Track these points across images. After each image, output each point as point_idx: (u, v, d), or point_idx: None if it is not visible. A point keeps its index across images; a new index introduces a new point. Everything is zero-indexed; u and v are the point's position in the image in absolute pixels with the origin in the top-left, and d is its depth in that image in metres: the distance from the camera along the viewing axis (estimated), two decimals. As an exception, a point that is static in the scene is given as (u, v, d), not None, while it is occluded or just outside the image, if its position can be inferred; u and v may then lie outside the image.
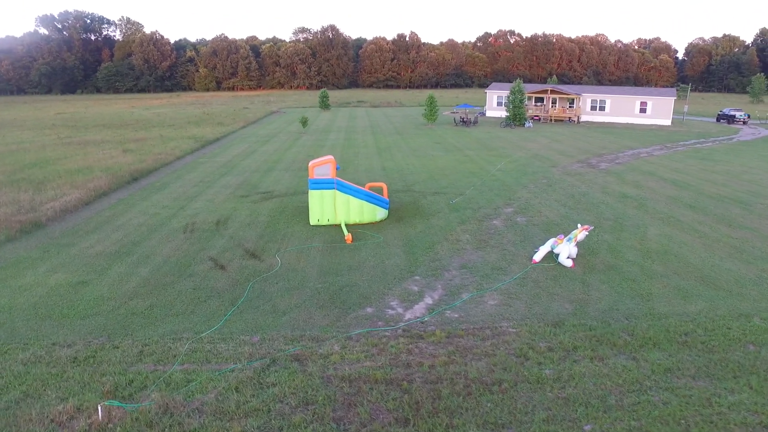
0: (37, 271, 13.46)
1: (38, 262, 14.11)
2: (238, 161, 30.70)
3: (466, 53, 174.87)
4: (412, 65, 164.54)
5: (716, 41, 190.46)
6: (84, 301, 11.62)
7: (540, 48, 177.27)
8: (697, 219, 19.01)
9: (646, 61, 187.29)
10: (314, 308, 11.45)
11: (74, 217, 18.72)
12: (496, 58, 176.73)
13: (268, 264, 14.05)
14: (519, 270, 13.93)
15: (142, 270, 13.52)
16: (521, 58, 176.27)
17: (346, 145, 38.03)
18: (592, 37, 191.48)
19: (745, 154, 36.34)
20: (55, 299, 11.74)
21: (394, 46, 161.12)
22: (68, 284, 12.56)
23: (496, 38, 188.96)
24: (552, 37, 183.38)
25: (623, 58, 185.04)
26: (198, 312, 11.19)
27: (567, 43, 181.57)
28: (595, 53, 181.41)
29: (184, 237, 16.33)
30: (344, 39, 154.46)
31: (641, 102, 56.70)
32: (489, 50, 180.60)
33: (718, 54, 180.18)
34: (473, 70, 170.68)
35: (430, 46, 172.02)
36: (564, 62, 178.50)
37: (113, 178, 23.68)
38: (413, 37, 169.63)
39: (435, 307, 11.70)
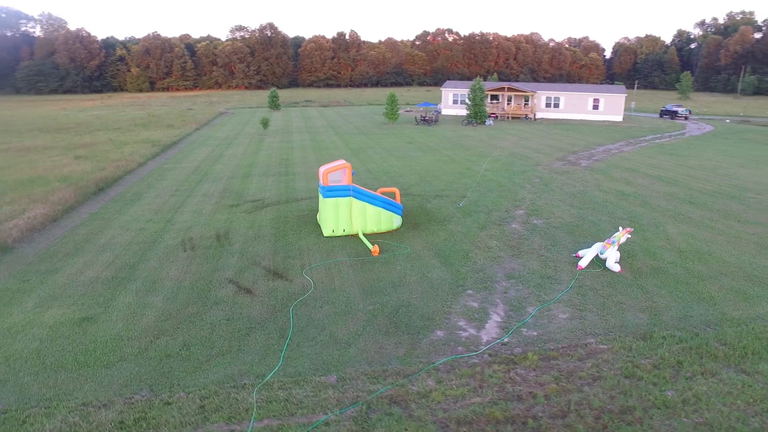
0: (23, 306, 11.24)
1: (21, 295, 11.84)
2: (207, 167, 28.38)
3: (406, 51, 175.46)
4: (353, 64, 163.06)
5: (640, 41, 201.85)
6: (99, 344, 9.66)
7: (478, 46, 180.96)
8: (704, 216, 19.04)
9: (578, 59, 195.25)
10: (379, 335, 10.09)
11: (44, 236, 16.20)
12: (436, 56, 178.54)
13: (298, 284, 12.48)
14: (567, 277, 13.14)
15: (155, 299, 11.59)
16: (460, 56, 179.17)
17: (315, 146, 36.31)
18: (527, 35, 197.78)
19: (704, 148, 37.78)
20: (62, 343, 9.70)
21: (334, 45, 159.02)
22: (70, 322, 10.50)
23: (435, 36, 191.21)
24: (489, 36, 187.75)
25: (556, 56, 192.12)
26: (245, 349, 9.54)
27: (503, 41, 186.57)
28: (530, 51, 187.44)
29: (187, 256, 14.39)
30: (283, 37, 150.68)
31: (594, 99, 58.32)
32: (428, 48, 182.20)
33: (643, 53, 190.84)
34: (413, 69, 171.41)
35: (370, 45, 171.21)
36: (501, 60, 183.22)
37: (76, 189, 20.98)
38: (353, 35, 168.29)
39: (506, 324, 10.65)
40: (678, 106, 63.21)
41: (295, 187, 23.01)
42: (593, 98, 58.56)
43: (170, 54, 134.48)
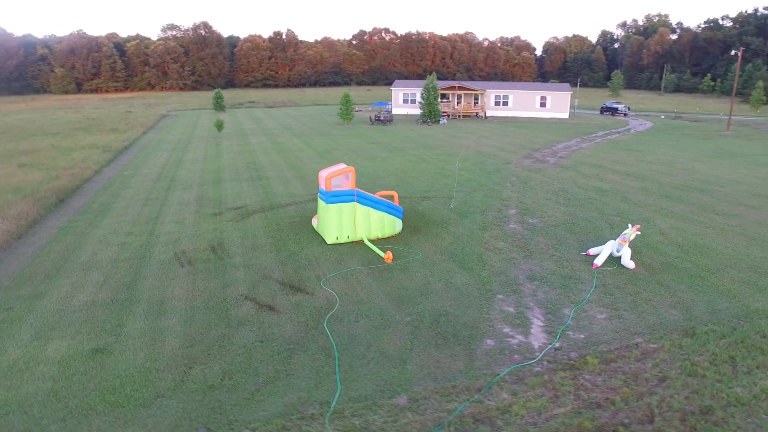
0: (18, 339, 9.87)
1: (10, 326, 10.41)
2: (171, 173, 26.66)
3: (344, 51, 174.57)
4: (290, 63, 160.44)
5: (568, 40, 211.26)
6: (126, 379, 8.59)
7: (414, 45, 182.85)
8: (685, 209, 19.81)
9: (511, 58, 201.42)
10: (430, 348, 9.60)
11: (12, 256, 14.48)
12: (373, 55, 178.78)
13: (321, 297, 11.76)
14: (586, 276, 13.17)
15: (169, 322, 10.53)
16: (397, 55, 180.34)
17: (278, 149, 35.09)
18: (461, 35, 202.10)
19: (654, 144, 39.70)
20: (80, 381, 8.55)
21: (271, 44, 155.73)
22: (81, 355, 9.30)
23: (372, 36, 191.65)
24: (425, 35, 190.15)
25: (491, 55, 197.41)
26: (294, 373, 8.79)
27: (439, 40, 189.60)
28: (465, 50, 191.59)
29: (187, 271, 13.26)
30: (218, 37, 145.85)
31: (541, 97, 60.11)
32: (365, 48, 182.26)
33: (572, 52, 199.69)
34: (351, 68, 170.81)
35: (308, 44, 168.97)
36: (437, 59, 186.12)
37: (35, 201, 19.02)
38: (290, 35, 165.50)
39: (550, 328, 10.47)
40: (617, 103, 66.34)
41: (275, 193, 21.99)
42: (540, 96, 60.36)
43: (98, 54, 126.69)
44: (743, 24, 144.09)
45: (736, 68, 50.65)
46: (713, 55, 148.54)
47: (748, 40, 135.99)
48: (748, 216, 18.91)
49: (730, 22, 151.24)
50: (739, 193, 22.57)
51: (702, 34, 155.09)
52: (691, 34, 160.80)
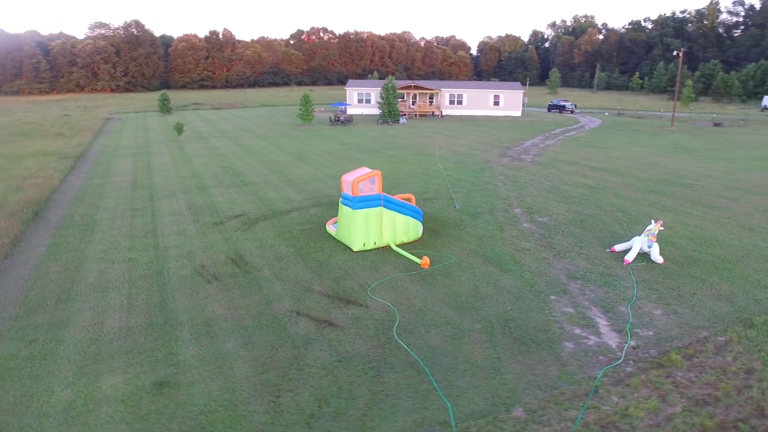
0: (61, 378, 8.75)
1: (44, 362, 9.23)
2: (145, 180, 24.97)
3: (282, 51, 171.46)
4: (228, 64, 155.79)
5: (502, 40, 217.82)
6: (211, 415, 7.79)
7: (353, 45, 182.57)
8: (676, 204, 20.71)
9: (448, 57, 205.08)
10: (517, 355, 9.40)
11: (6, 279, 12.92)
12: (312, 55, 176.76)
13: (377, 309, 11.27)
14: (623, 273, 13.42)
15: (227, 346, 9.70)
16: (336, 55, 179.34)
17: (248, 152, 33.77)
18: (399, 34, 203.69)
19: (612, 141, 41.49)
20: (159, 421, 7.66)
21: (208, 44, 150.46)
22: (144, 391, 8.36)
23: (310, 35, 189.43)
24: (363, 35, 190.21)
25: (428, 54, 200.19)
26: (392, 393, 8.31)
27: (378, 40, 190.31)
28: (403, 50, 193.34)
29: (217, 288, 12.34)
30: (151, 36, 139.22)
31: (495, 95, 61.46)
32: (304, 48, 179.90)
33: (506, 51, 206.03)
34: (290, 68, 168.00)
35: (245, 44, 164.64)
36: (376, 58, 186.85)
37: (9, 216, 17.19)
38: (227, 34, 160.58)
39: (616, 327, 10.54)
40: (564, 101, 68.96)
41: (269, 199, 21.05)
42: (494, 95, 61.72)
43: (19, 53, 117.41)
44: (663, 26, 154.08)
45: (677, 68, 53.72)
46: (638, 54, 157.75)
47: (668, 41, 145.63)
48: (733, 208, 19.99)
49: (651, 24, 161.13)
50: (714, 186, 23.87)
51: (627, 35, 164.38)
52: (617, 34, 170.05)
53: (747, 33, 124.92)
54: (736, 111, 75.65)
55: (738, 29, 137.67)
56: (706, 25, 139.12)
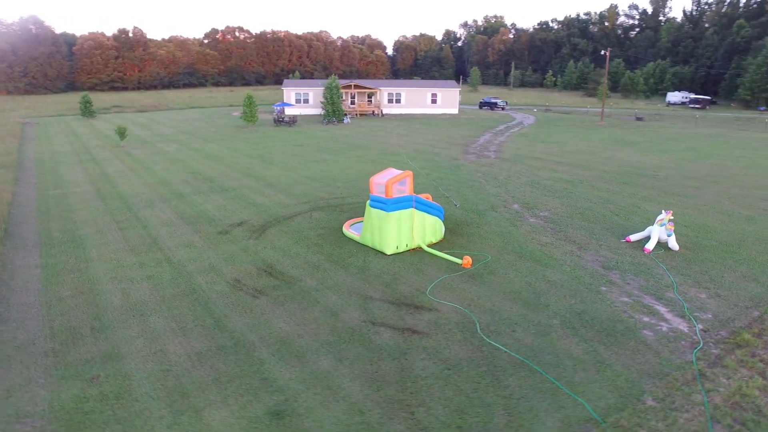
0: (154, 418, 7.82)
1: (120, 400, 8.20)
2: (109, 189, 22.88)
3: (197, 50, 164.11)
4: (140, 64, 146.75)
5: (417, 39, 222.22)
6: None
7: (271, 44, 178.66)
8: (652, 194, 22.18)
9: (365, 56, 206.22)
10: (611, 346, 9.68)
11: (12, 309, 11.35)
12: (228, 55, 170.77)
13: (449, 311, 11.13)
14: (649, 261, 14.19)
15: (322, 364, 9.15)
16: (254, 54, 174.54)
17: (206, 156, 31.99)
18: (317, 33, 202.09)
19: (556, 135, 43.63)
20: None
21: (117, 43, 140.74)
22: (260, 423, 7.70)
23: (225, 35, 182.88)
24: (281, 34, 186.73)
25: (346, 54, 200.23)
26: (522, 395, 8.26)
27: (296, 39, 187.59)
28: (321, 49, 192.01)
29: (268, 302, 11.60)
30: (53, 34, 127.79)
31: (432, 94, 62.55)
32: (220, 47, 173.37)
33: (422, 50, 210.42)
34: (206, 68, 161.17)
35: (158, 43, 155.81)
36: (295, 58, 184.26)
37: (-21, 239, 15.12)
38: (137, 32, 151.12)
39: (676, 312, 11.12)
40: (495, 98, 71.56)
41: (262, 204, 20.07)
42: (431, 93, 62.83)
43: None
44: (569, 27, 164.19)
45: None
46: (548, 53, 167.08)
47: (575, 41, 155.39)
48: (702, 196, 21.74)
49: (558, 24, 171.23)
50: (674, 177, 25.82)
51: (537, 34, 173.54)
52: (527, 34, 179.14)
53: (643, 35, 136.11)
54: (645, 106, 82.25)
55: (634, 31, 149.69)
56: (607, 26, 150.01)
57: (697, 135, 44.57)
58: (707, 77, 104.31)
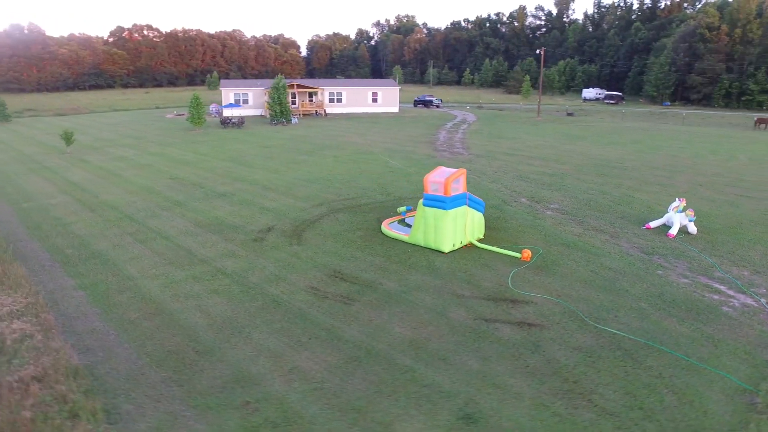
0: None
1: (295, 425, 7.80)
2: (91, 199, 20.93)
3: (103, 50, 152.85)
4: (39, 63, 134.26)
5: (331, 38, 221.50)
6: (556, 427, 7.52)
7: (182, 44, 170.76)
8: (633, 184, 24.05)
9: (280, 56, 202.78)
10: (712, 324, 10.55)
11: (86, 337, 10.31)
12: (137, 55, 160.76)
13: (545, 303, 11.56)
14: (677, 245, 15.51)
15: (471, 365, 9.20)
16: (165, 54, 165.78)
17: (174, 161, 30.16)
18: (230, 32, 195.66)
19: (507, 131, 45.66)
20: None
21: (10, 40, 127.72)
22: (454, 426, 7.69)
23: (133, 33, 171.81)
24: (192, 33, 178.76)
25: (261, 53, 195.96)
26: (678, 374, 8.82)
27: (208, 38, 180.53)
28: (236, 49, 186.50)
29: (365, 307, 11.38)
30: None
31: (373, 92, 62.90)
32: (128, 46, 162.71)
33: (337, 49, 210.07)
34: (114, 69, 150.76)
35: (59, 41, 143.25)
36: (208, 57, 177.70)
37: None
38: (34, 29, 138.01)
39: (734, 289, 12.27)
40: (430, 96, 73.26)
41: (276, 208, 19.39)
42: (372, 92, 63.18)
43: None
44: (481, 26, 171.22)
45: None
46: (462, 52, 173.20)
47: (488, 40, 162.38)
48: (676, 185, 23.88)
49: (470, 24, 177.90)
50: (640, 168, 28.07)
51: (451, 34, 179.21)
52: (442, 33, 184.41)
53: (551, 35, 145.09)
54: (565, 102, 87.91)
55: (541, 31, 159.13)
56: (517, 26, 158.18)
57: (631, 128, 48.51)
58: (611, 75, 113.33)
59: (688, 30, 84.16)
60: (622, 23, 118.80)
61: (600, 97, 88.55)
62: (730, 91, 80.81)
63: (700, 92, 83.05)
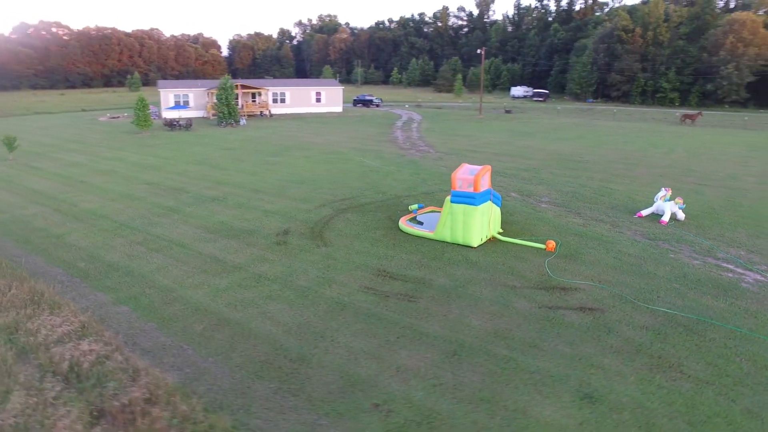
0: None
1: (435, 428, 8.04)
2: (68, 208, 19.38)
3: (6, 48, 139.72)
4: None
5: (253, 38, 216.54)
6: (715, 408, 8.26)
7: (96, 43, 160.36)
8: (605, 176, 25.91)
9: (201, 56, 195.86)
10: (747, 300, 11.80)
11: (166, 352, 9.85)
12: (47, 53, 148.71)
13: (589, 288, 12.39)
14: (675, 231, 17.01)
15: (585, 349, 9.81)
16: (78, 53, 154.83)
17: (140, 166, 28.52)
18: (147, 31, 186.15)
19: (459, 129, 47.10)
20: (670, 421, 7.85)
21: None
22: (577, 408, 8.24)
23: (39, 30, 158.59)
24: (107, 31, 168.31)
25: (181, 53, 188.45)
26: (742, 352, 9.87)
27: (124, 37, 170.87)
28: (154, 48, 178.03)
29: (432, 303, 11.66)
30: None
31: (316, 92, 62.45)
32: (35, 44, 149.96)
33: (260, 49, 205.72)
34: (20, 68, 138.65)
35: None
36: (125, 57, 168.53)
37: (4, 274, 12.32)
38: None
39: (744, 266, 13.79)
40: (370, 95, 73.78)
41: (279, 211, 19.03)
42: (316, 92, 62.72)
43: None
44: (405, 26, 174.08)
45: (485, 66, 62.87)
46: (387, 51, 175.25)
47: (412, 40, 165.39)
48: (640, 177, 25.97)
49: (395, 24, 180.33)
50: (600, 162, 30.15)
51: (375, 33, 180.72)
52: (366, 33, 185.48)
53: (473, 35, 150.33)
54: (494, 100, 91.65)
55: (463, 31, 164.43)
56: (440, 26, 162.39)
57: (569, 124, 51.62)
58: (533, 73, 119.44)
59: (606, 31, 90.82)
60: (540, 24, 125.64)
61: (528, 95, 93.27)
62: (646, 88, 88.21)
63: (620, 90, 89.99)
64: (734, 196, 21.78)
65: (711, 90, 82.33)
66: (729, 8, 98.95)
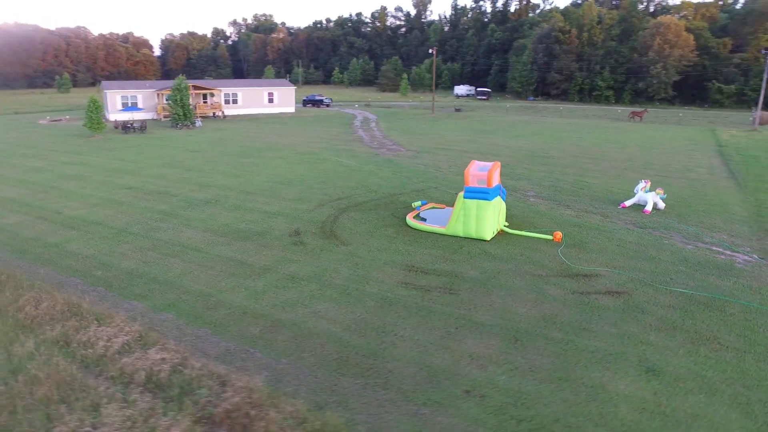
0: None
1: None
2: (55, 216, 18.37)
3: None
4: None
5: (186, 38, 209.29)
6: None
7: (16, 40, 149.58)
8: (578, 170, 27.47)
9: (132, 56, 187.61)
10: (749, 280, 13.13)
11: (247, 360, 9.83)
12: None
13: (608, 275, 13.36)
14: (659, 219, 18.46)
15: (629, 328, 10.63)
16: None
17: (111, 170, 27.15)
18: (73, 29, 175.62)
19: (417, 128, 48.02)
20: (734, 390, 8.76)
21: None
22: (642, 380, 9.06)
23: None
24: (28, 27, 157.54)
25: (111, 53, 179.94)
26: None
27: (49, 35, 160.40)
28: (82, 47, 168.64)
29: (473, 295, 12.18)
30: None
31: (269, 93, 61.54)
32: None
33: (195, 49, 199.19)
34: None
35: None
36: (50, 56, 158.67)
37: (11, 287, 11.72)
38: None
39: (729, 249, 15.29)
40: (320, 95, 73.46)
41: (281, 212, 18.93)
42: (268, 92, 61.82)
43: None
44: (343, 26, 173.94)
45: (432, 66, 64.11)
46: (326, 51, 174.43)
47: (351, 40, 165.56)
48: (608, 170, 27.74)
49: (332, 24, 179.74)
50: (566, 157, 31.83)
51: (314, 33, 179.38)
52: (304, 33, 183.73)
53: (412, 35, 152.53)
54: (438, 99, 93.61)
55: (401, 30, 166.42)
56: (379, 26, 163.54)
57: (521, 122, 53.78)
58: (472, 72, 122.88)
59: (545, 32, 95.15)
60: (477, 25, 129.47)
61: (471, 94, 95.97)
62: (583, 87, 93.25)
63: (559, 88, 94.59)
64: (696, 186, 23.78)
65: (642, 88, 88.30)
66: (650, 12, 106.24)
